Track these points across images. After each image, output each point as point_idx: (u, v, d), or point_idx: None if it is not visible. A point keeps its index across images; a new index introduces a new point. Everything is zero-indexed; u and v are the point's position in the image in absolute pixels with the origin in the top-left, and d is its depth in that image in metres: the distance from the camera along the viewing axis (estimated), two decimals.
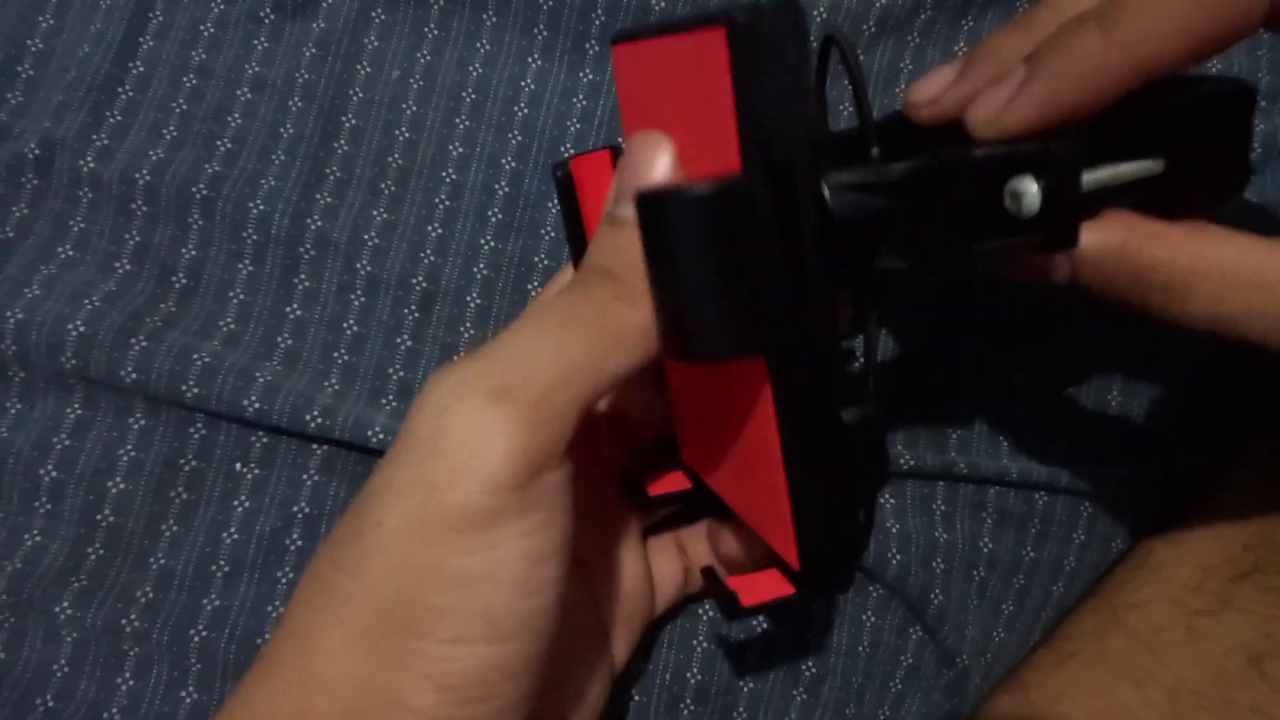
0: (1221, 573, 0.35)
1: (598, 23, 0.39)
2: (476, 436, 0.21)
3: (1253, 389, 0.38)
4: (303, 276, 0.37)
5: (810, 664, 0.36)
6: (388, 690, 0.21)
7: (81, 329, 0.35)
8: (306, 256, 0.37)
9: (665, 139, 0.24)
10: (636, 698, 0.35)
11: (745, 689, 0.36)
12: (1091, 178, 0.23)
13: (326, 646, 0.22)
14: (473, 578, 0.21)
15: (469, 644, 0.21)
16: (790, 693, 0.36)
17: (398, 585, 0.21)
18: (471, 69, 0.39)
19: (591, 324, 0.22)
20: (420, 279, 0.37)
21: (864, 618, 0.37)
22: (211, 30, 0.39)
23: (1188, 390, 0.38)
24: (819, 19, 0.38)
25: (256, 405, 0.35)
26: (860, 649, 0.36)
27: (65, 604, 0.34)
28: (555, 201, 0.38)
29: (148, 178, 0.37)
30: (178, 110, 0.38)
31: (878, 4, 0.38)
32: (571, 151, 0.38)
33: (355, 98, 0.39)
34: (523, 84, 0.39)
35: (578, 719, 0.30)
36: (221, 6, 0.39)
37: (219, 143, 0.38)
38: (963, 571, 0.37)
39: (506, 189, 0.38)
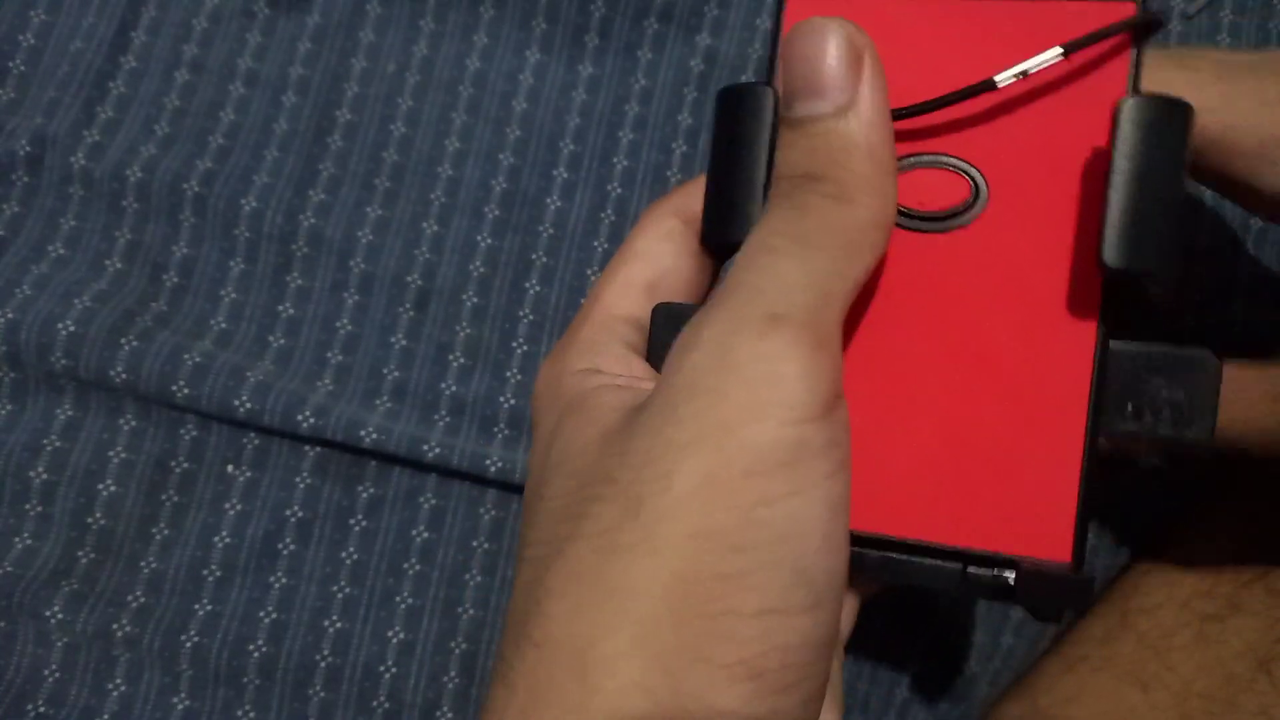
0: (1231, 576, 0.34)
1: (597, 15, 0.38)
2: (765, 364, 0.19)
3: None
4: (295, 274, 0.37)
5: None
6: (693, 694, 0.18)
7: (72, 329, 0.34)
8: (299, 254, 0.37)
9: (834, 24, 0.21)
10: None
11: None
12: None
13: (609, 654, 0.18)
14: (780, 530, 0.18)
15: (782, 614, 0.18)
16: None
17: (694, 554, 0.18)
18: (468, 63, 0.38)
19: (822, 234, 0.21)
20: (415, 277, 0.37)
21: (868, 623, 0.36)
22: (204, 24, 0.38)
23: None
24: None
25: (248, 405, 0.34)
26: (865, 656, 0.36)
27: (56, 608, 0.34)
28: (553, 197, 0.38)
29: (139, 174, 0.36)
30: (170, 106, 0.38)
31: None
32: (570, 146, 0.38)
33: (350, 92, 0.38)
34: (520, 78, 0.38)
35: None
36: (215, 0, 0.38)
37: (211, 139, 0.37)
38: None
39: (504, 185, 0.38)
